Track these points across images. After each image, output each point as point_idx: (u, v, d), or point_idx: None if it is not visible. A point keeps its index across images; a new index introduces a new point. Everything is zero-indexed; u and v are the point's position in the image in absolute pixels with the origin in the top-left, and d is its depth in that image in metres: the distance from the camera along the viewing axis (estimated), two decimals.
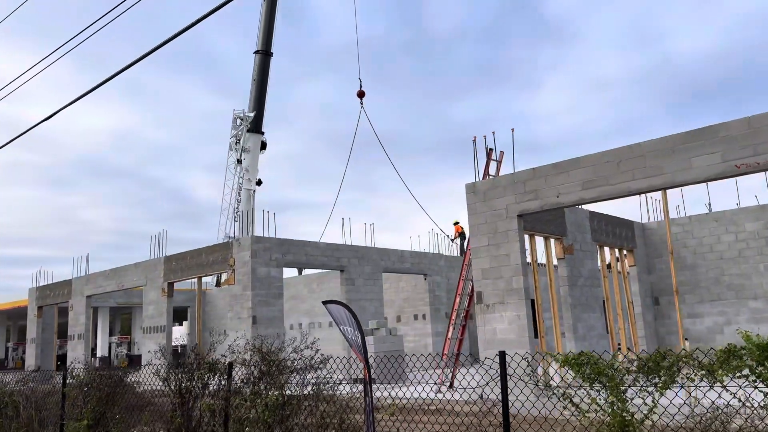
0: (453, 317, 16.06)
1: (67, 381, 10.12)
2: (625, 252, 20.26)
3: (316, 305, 31.74)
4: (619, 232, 19.94)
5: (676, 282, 20.73)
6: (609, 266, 19.45)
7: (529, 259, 14.83)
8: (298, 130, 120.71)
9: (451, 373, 15.66)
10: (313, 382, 7.47)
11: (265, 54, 44.75)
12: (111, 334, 49.17)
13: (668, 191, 17.51)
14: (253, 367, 7.86)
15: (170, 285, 23.04)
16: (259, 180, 46.60)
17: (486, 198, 14.35)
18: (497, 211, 14.10)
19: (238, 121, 45.28)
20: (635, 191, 12.23)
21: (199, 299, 22.18)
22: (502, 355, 5.75)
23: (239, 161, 45.07)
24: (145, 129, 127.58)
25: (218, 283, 39.73)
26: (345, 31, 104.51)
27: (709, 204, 21.55)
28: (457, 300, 16.19)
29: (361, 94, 33.93)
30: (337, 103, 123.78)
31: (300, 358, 7.74)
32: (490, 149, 15.48)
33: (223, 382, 8.12)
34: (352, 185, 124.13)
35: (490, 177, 15.71)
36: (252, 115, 44.73)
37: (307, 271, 33.33)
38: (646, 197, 21.32)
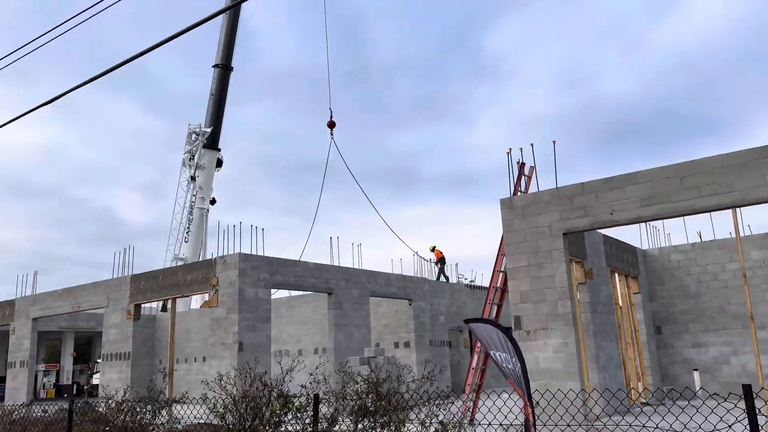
0: (478, 344, 14.75)
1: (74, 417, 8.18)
2: (630, 279, 19.62)
3: (284, 331, 29.77)
4: (626, 258, 19.30)
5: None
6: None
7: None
8: (233, 153, 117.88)
9: (472, 406, 14.32)
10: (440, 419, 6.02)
11: (225, 68, 43.08)
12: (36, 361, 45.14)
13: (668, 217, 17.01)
14: (353, 402, 6.34)
15: (137, 307, 20.76)
16: (213, 199, 44.36)
17: (525, 214, 13.27)
18: (539, 229, 13.03)
19: (194, 135, 43.16)
20: (701, 209, 11.41)
21: (173, 323, 19.99)
22: (747, 389, 4.52)
23: (193, 178, 42.77)
24: (72, 146, 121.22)
25: (164, 308, 36.70)
26: (287, 56, 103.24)
27: (700, 233, 21.35)
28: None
29: (331, 125, 32.61)
30: (275, 128, 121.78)
31: (414, 391, 6.29)
32: (522, 163, 14.49)
33: (307, 420, 6.54)
34: (287, 211, 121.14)
35: (521, 193, 14.69)
36: (209, 130, 42.73)
37: (276, 294, 31.38)
38: (647, 223, 20.85)
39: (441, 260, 29.19)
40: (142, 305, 21.05)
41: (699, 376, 18.29)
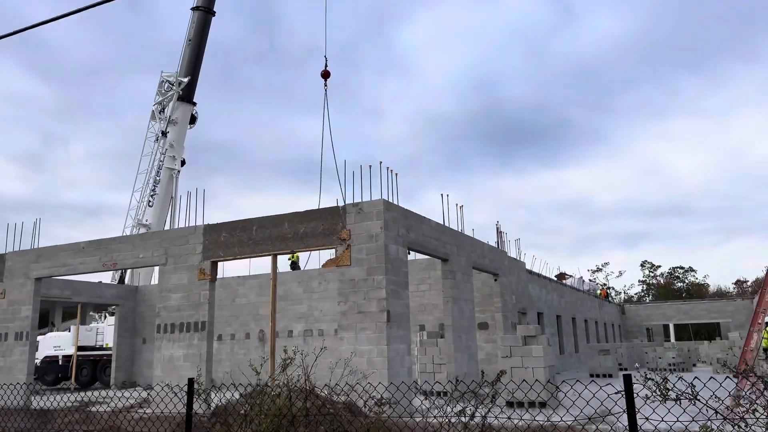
0: (759, 320, 12.04)
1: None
2: None
3: (315, 308, 25.73)
4: None
5: None
6: None
7: None
8: (125, 126, 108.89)
9: (747, 393, 11.65)
10: None
11: (206, 11, 37.88)
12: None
13: None
14: None
15: (214, 265, 16.19)
16: (183, 160, 38.85)
17: None
18: None
19: (167, 85, 37.64)
20: None
21: (274, 285, 15.62)
22: None
23: (164, 133, 37.14)
24: None
25: (295, 266, 28.92)
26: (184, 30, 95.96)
27: None
28: (766, 296, 12.19)
29: (325, 74, 29.34)
30: None
31: None
32: None
33: None
34: (183, 193, 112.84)
35: None
36: (185, 80, 37.31)
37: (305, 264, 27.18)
38: None
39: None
40: (218, 263, 16.49)
41: None
